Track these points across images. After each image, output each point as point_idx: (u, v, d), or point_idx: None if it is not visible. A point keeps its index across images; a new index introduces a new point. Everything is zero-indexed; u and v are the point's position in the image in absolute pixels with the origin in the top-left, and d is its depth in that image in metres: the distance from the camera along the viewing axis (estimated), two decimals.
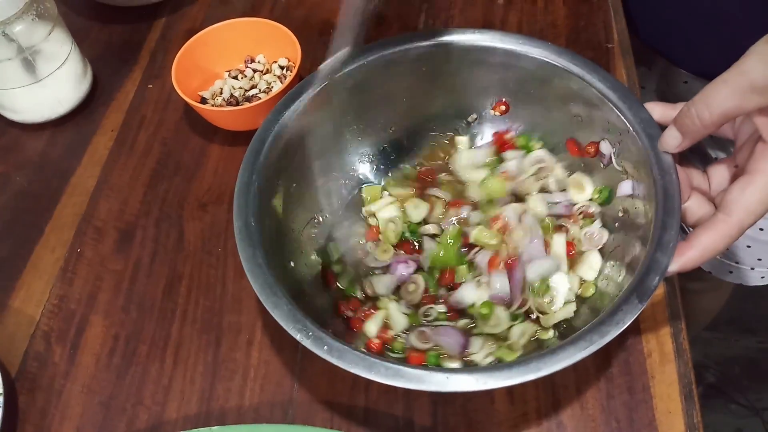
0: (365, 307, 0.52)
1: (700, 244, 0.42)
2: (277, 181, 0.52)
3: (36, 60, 0.65)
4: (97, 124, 0.70)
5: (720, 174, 0.47)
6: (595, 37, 0.70)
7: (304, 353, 0.50)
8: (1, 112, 0.70)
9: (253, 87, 0.68)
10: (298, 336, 0.42)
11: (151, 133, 0.69)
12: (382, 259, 0.54)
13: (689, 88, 0.78)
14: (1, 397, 0.50)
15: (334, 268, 0.55)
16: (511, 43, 0.54)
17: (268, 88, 0.67)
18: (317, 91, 0.54)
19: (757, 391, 1.34)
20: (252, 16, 0.70)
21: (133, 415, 0.51)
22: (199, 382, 0.52)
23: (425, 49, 0.55)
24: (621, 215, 0.50)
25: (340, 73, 0.54)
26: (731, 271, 0.89)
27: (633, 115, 0.48)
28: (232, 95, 0.67)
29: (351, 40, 0.50)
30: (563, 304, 0.50)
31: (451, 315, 0.51)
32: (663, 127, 0.46)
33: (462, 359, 0.48)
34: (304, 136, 0.54)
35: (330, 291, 0.53)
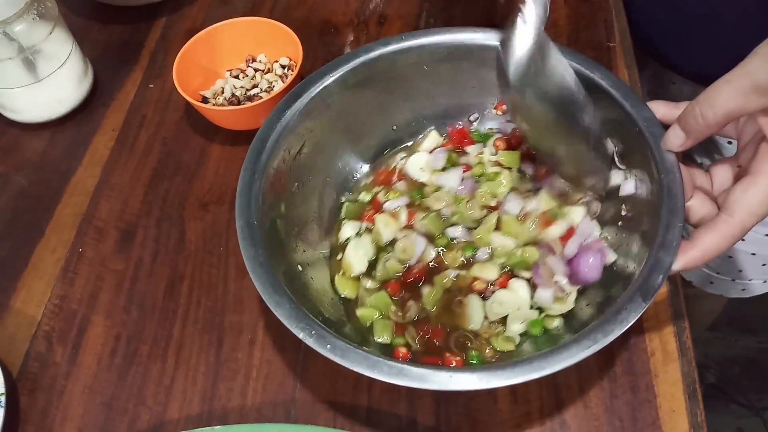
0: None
1: (703, 244, 0.42)
2: (279, 180, 0.52)
3: (36, 60, 0.65)
4: (98, 123, 0.70)
5: (722, 173, 0.47)
6: (596, 36, 0.70)
7: (307, 352, 0.50)
8: (2, 112, 0.70)
9: (254, 86, 0.68)
10: (300, 335, 0.42)
11: (152, 132, 0.69)
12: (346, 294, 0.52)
13: (679, 89, 0.78)
14: (2, 397, 0.50)
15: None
16: None
17: (269, 87, 0.67)
18: (318, 90, 0.54)
19: (758, 391, 1.34)
20: (252, 16, 0.70)
21: (135, 415, 0.51)
22: (201, 382, 0.52)
23: (426, 49, 0.55)
24: (624, 214, 0.50)
25: (341, 74, 0.54)
26: (712, 282, 0.89)
27: (636, 114, 0.48)
28: (233, 94, 0.67)
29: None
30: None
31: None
32: (666, 126, 0.46)
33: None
34: (306, 135, 0.54)
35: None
